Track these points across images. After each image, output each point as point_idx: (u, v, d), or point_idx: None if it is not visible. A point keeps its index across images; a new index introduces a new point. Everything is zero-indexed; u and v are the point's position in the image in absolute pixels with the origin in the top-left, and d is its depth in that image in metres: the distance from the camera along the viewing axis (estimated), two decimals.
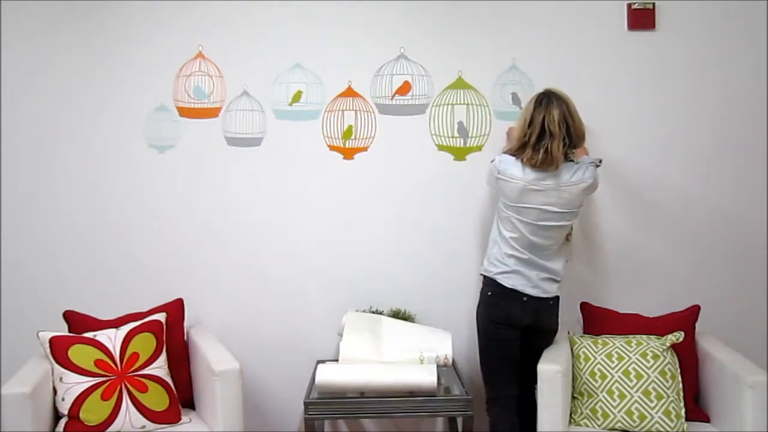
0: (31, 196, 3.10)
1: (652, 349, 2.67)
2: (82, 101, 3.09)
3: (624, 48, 3.11)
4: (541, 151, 2.58)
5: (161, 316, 2.82)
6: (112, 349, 2.65)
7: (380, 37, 3.11)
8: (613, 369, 2.67)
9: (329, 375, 2.68)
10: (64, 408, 2.54)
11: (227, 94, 3.11)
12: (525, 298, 2.68)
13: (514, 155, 2.68)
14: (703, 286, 3.11)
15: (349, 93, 3.13)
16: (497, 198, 2.78)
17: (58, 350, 2.59)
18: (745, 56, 3.11)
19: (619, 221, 3.15)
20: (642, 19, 3.09)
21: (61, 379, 2.57)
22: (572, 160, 2.70)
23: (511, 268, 2.69)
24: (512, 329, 2.70)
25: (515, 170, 2.65)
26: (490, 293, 2.74)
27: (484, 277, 2.78)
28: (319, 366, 2.73)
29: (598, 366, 2.70)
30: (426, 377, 2.66)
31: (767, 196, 3.13)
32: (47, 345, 2.61)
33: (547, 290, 2.71)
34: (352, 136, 3.15)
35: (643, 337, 2.75)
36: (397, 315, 3.06)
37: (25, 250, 3.10)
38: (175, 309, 2.90)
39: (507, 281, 2.69)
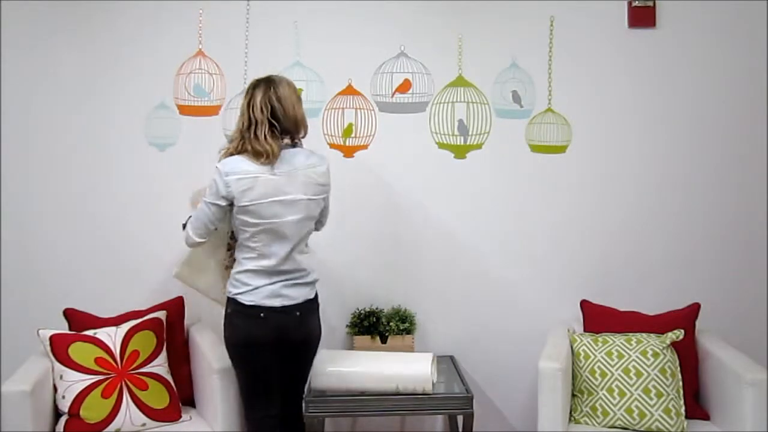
0: (32, 194, 3.10)
1: (652, 347, 2.67)
2: (82, 99, 3.09)
3: (624, 46, 3.10)
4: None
5: (161, 314, 2.82)
6: (112, 347, 2.65)
7: (380, 35, 3.11)
8: (613, 367, 2.67)
9: (327, 381, 2.71)
10: (65, 406, 2.54)
11: (227, 91, 3.11)
12: None
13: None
14: (704, 284, 3.10)
15: (350, 91, 3.13)
16: None
17: (59, 348, 2.59)
18: (745, 54, 3.10)
19: (619, 219, 3.15)
20: (642, 17, 3.08)
21: (61, 376, 2.57)
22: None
23: None
24: None
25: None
26: None
27: None
28: (315, 368, 2.74)
29: (598, 364, 2.70)
30: (424, 383, 2.65)
31: (767, 194, 3.13)
32: (47, 343, 2.61)
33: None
34: (353, 134, 3.14)
35: (643, 335, 2.75)
36: (397, 313, 3.06)
37: (25, 248, 3.10)
38: (176, 307, 2.90)
39: None
